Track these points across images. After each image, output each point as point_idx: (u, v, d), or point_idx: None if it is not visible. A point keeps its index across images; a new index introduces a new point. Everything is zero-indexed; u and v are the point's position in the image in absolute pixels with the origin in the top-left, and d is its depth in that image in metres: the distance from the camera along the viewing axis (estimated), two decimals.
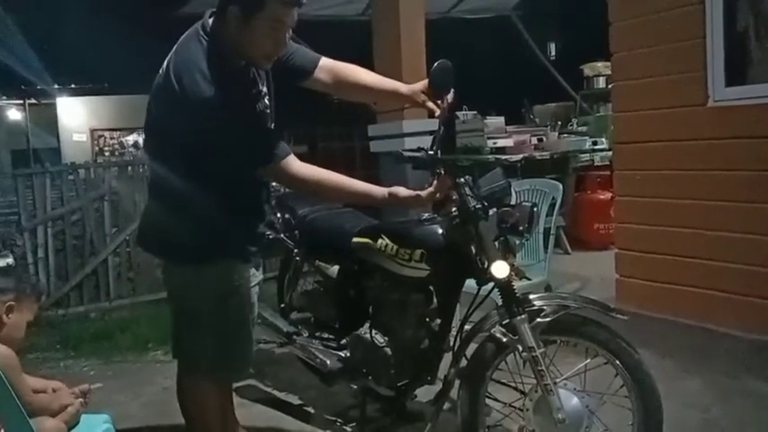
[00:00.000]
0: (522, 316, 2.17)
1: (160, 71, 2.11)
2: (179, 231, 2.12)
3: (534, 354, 2.13)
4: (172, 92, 2.03)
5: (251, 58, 2.13)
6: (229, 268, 2.20)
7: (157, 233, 2.27)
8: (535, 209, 2.37)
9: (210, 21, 2.11)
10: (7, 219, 5.82)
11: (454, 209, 2.32)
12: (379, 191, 2.23)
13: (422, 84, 2.36)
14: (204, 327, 2.22)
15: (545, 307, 2.20)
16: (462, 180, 2.31)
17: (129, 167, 5.58)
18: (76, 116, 13.90)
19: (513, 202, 2.42)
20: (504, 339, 2.21)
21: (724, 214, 3.51)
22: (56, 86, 14.53)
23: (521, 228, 2.29)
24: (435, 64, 2.34)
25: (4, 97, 16.47)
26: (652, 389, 2.16)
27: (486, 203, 2.27)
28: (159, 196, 2.24)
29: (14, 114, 17.27)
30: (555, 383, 2.16)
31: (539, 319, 2.18)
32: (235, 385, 2.78)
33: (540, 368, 2.14)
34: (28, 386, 2.01)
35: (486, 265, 2.21)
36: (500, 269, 2.18)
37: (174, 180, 2.11)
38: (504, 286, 2.21)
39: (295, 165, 2.14)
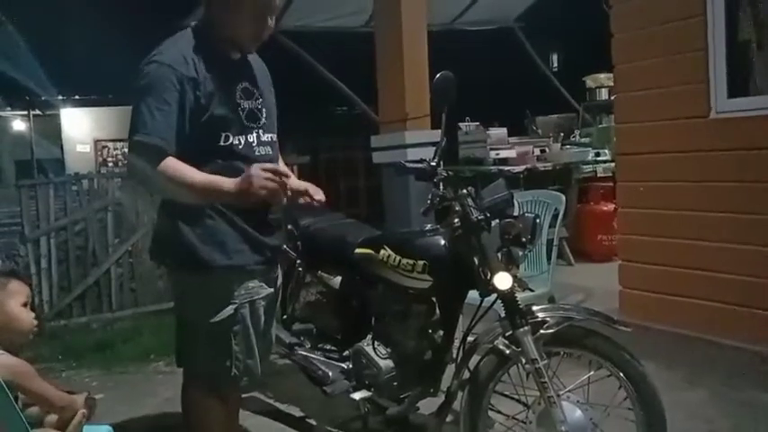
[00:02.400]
0: (525, 328, 2.17)
1: None
2: (181, 239, 2.13)
3: (537, 366, 2.12)
4: None
5: (237, 40, 2.15)
6: (231, 278, 2.19)
7: (162, 242, 2.28)
8: (538, 220, 2.37)
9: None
10: (10, 229, 5.83)
11: (456, 220, 2.32)
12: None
13: None
14: (205, 337, 2.21)
15: (548, 318, 2.20)
16: (464, 191, 2.31)
17: None
18: (80, 127, 13.97)
19: (515, 214, 2.41)
20: (507, 351, 2.21)
21: (727, 226, 3.51)
22: (60, 97, 14.58)
23: (523, 239, 2.29)
24: (437, 75, 2.34)
25: (9, 108, 16.55)
26: (656, 401, 2.14)
27: (488, 215, 2.27)
28: (163, 205, 2.25)
29: (19, 125, 17.36)
30: (558, 396, 2.15)
31: (542, 331, 2.17)
32: None
33: (543, 380, 2.13)
34: (48, 386, 1.99)
35: (488, 277, 2.21)
36: (503, 280, 2.18)
37: None
38: (507, 298, 2.21)
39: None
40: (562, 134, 7.61)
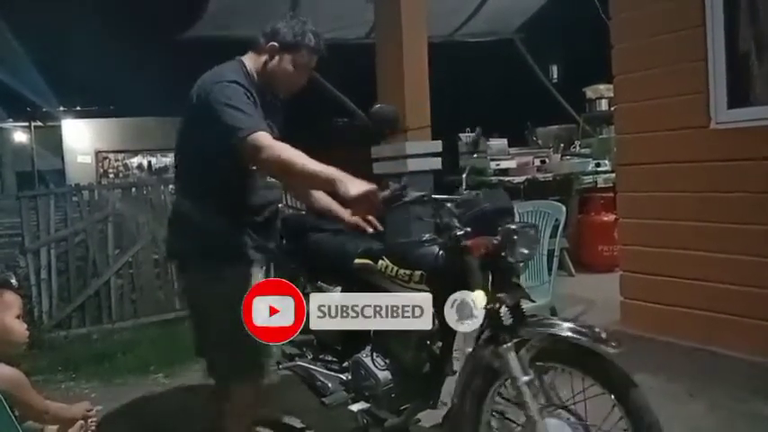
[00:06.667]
0: (508, 344, 2.13)
1: None
2: (195, 234, 2.31)
3: (518, 384, 2.08)
4: (188, 99, 2.34)
5: (277, 88, 2.49)
6: (244, 271, 2.34)
7: (177, 237, 2.46)
8: (533, 231, 2.34)
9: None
10: (11, 240, 5.83)
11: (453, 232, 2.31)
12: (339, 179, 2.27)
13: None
14: (216, 329, 2.34)
15: (533, 335, 2.16)
16: (447, 206, 2.31)
17: (133, 189, 5.60)
18: (82, 138, 13.97)
19: (515, 223, 2.39)
20: (496, 365, 2.18)
21: (729, 236, 3.50)
22: (61, 109, 14.64)
23: (502, 254, 2.24)
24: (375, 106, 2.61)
25: (11, 119, 16.58)
26: (648, 417, 2.04)
27: (468, 230, 2.25)
28: (178, 204, 2.49)
29: (20, 136, 17.38)
30: (548, 412, 2.10)
31: (524, 349, 2.13)
32: None
33: (524, 399, 2.08)
34: (40, 398, 1.99)
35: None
36: (479, 299, 2.15)
37: (193, 187, 2.40)
38: (491, 314, 2.17)
39: (266, 140, 2.21)
40: (562, 145, 7.63)
